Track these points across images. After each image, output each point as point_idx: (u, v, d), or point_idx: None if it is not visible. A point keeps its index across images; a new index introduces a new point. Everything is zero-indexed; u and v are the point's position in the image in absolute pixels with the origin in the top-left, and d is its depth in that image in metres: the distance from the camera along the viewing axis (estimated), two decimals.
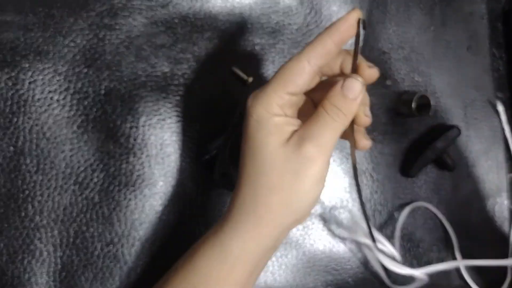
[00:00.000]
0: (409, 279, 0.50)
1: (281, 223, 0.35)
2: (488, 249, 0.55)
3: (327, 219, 0.50)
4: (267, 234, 0.34)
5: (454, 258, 0.53)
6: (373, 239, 0.43)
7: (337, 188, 0.52)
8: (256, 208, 0.34)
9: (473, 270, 0.54)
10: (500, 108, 0.55)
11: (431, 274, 0.51)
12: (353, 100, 0.33)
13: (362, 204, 0.40)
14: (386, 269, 0.49)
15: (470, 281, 0.53)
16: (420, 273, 0.48)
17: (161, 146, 0.49)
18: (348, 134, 0.35)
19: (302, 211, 0.35)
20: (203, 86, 0.50)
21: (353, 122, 0.35)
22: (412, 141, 0.54)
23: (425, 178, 0.54)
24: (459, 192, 0.54)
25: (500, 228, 0.55)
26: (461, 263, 0.53)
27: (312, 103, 0.37)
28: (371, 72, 0.34)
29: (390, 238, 0.52)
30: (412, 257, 0.53)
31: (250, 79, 0.51)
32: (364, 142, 0.37)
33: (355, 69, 0.34)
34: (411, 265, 0.53)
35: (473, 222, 0.55)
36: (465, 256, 0.54)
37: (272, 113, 0.33)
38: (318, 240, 0.51)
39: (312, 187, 0.33)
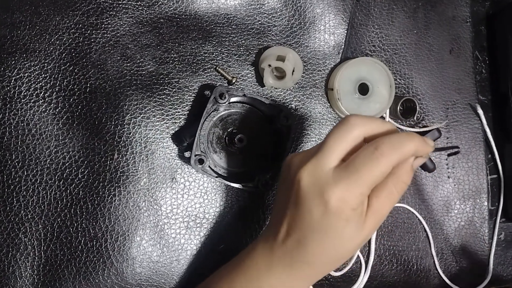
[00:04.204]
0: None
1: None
2: (467, 250, 0.55)
3: None
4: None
5: (432, 257, 0.54)
6: None
7: None
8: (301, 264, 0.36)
9: (452, 269, 0.55)
10: (480, 111, 0.55)
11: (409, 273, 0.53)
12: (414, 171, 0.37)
13: None
14: None
15: (447, 280, 0.54)
16: None
17: (145, 143, 0.50)
18: None
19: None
20: (187, 86, 0.51)
21: None
22: None
23: None
24: (438, 193, 0.55)
25: (480, 229, 0.56)
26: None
27: None
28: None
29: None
30: (392, 255, 0.54)
31: (234, 79, 0.51)
32: None
33: None
34: (390, 263, 0.54)
35: (452, 223, 0.55)
36: (443, 255, 0.55)
37: (356, 208, 0.34)
38: None
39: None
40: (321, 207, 0.33)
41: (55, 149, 0.48)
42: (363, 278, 0.53)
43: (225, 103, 0.47)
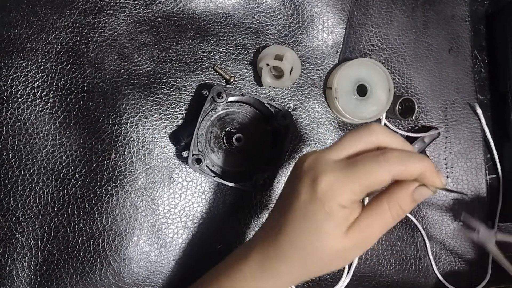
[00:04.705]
0: None
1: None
2: (465, 250, 0.55)
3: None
4: None
5: (428, 258, 0.54)
6: None
7: None
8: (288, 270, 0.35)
9: (451, 269, 0.55)
10: (479, 110, 0.55)
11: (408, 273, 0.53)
12: (417, 203, 0.34)
13: None
14: None
15: (445, 281, 0.54)
16: None
17: (142, 143, 0.50)
18: None
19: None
20: (185, 85, 0.51)
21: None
22: None
23: None
24: (436, 193, 0.55)
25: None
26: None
27: None
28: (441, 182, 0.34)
29: None
30: (390, 255, 0.54)
31: (232, 79, 0.51)
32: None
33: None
34: (389, 263, 0.54)
35: (450, 223, 0.55)
36: (441, 256, 0.54)
37: (343, 206, 0.33)
38: None
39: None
40: (309, 191, 0.33)
41: (52, 149, 0.48)
42: (345, 280, 0.52)
43: (223, 102, 0.47)
